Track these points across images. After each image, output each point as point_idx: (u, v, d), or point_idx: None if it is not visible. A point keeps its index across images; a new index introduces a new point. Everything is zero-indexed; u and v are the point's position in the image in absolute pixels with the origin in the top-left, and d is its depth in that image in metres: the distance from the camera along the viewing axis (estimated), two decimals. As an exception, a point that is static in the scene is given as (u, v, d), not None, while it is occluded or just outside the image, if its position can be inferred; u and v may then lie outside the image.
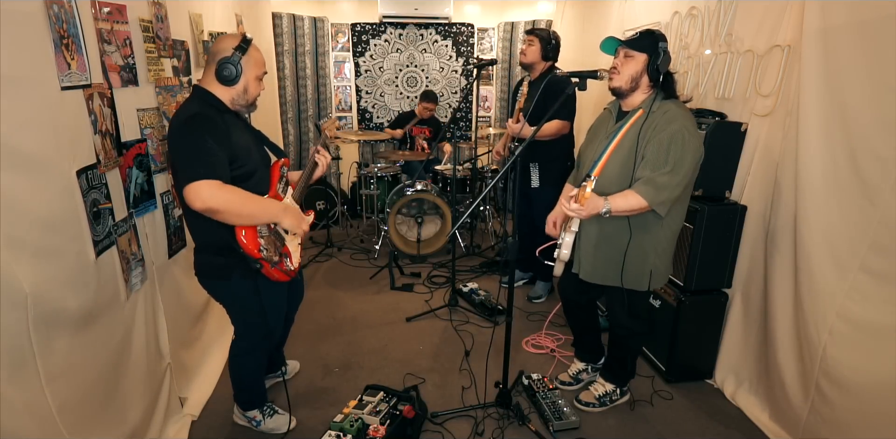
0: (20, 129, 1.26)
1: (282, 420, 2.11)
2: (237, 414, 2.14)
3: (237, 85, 1.69)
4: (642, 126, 1.83)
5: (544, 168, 3.09)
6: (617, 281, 1.98)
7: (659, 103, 1.86)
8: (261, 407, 2.11)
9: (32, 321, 1.28)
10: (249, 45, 1.68)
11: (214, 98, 1.70)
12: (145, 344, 1.90)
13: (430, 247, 4.06)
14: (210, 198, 1.51)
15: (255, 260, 1.65)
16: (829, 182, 1.80)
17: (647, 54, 1.84)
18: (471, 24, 5.14)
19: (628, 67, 1.86)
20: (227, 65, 1.64)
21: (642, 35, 1.86)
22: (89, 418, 1.53)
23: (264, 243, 1.67)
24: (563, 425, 2.11)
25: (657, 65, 1.82)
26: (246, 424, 2.13)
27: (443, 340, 2.86)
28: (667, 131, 1.77)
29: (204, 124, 1.58)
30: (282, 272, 1.77)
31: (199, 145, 1.54)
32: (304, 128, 5.08)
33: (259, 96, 1.79)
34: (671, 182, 1.76)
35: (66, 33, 1.45)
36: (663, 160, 1.77)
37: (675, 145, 1.76)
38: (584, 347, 2.47)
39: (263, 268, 1.69)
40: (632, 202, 1.78)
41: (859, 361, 1.70)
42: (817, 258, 1.84)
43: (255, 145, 1.81)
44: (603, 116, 2.10)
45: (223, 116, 1.67)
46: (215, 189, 1.52)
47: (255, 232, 1.65)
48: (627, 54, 1.86)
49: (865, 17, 1.65)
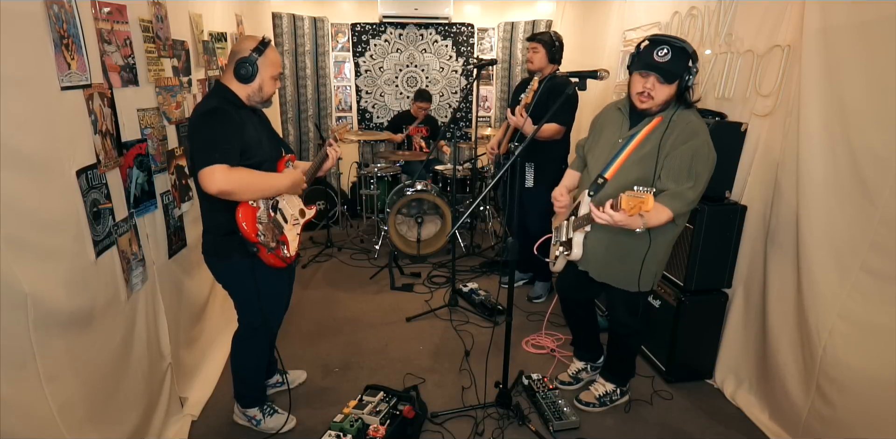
0: (20, 129, 1.26)
1: (281, 419, 2.11)
2: (237, 414, 2.15)
3: (253, 83, 1.81)
4: (664, 134, 1.80)
5: (540, 169, 3.10)
6: (622, 282, 1.99)
7: (679, 112, 1.82)
8: (261, 405, 2.12)
9: (32, 321, 1.28)
10: (266, 47, 1.80)
11: (232, 94, 1.81)
12: (146, 345, 1.90)
13: (430, 247, 4.06)
14: (223, 182, 1.64)
15: (253, 243, 1.77)
16: (830, 182, 1.80)
17: (679, 78, 1.77)
18: (471, 24, 5.14)
19: (662, 93, 1.79)
20: (244, 64, 1.77)
21: (675, 56, 1.73)
22: (89, 418, 1.53)
23: (262, 229, 1.79)
24: (563, 425, 2.11)
25: (687, 85, 1.79)
26: (246, 424, 2.13)
27: (443, 340, 2.86)
28: (689, 145, 1.77)
29: (221, 118, 1.72)
30: (278, 258, 1.86)
31: (214, 135, 1.68)
32: (304, 128, 5.08)
33: (274, 94, 1.91)
34: (695, 196, 1.79)
35: (66, 33, 1.45)
36: (686, 174, 1.77)
37: (698, 160, 1.77)
38: (583, 346, 2.47)
39: (260, 252, 1.80)
40: (663, 218, 1.77)
41: (860, 361, 1.70)
42: (818, 258, 1.84)
43: (267, 139, 1.92)
44: (611, 113, 2.03)
45: (239, 112, 1.80)
46: (227, 172, 1.65)
47: (254, 218, 1.78)
48: (661, 82, 1.77)
49: (865, 18, 1.65)
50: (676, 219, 1.84)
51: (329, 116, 5.23)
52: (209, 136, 1.68)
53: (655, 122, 1.84)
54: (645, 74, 1.80)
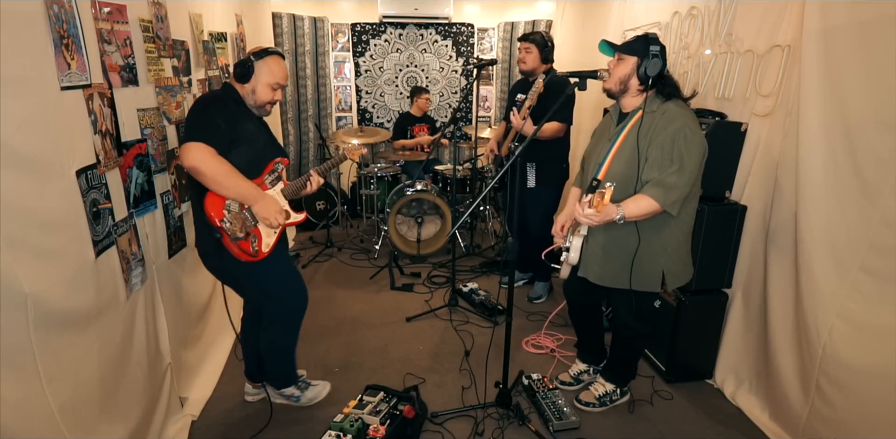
0: (20, 129, 1.26)
1: (317, 389, 2.25)
2: (274, 395, 2.22)
3: (247, 85, 1.89)
4: (640, 127, 1.84)
5: (541, 169, 3.09)
6: (619, 280, 1.98)
7: (658, 104, 1.86)
8: (295, 382, 2.22)
9: (32, 321, 1.28)
10: (267, 54, 1.89)
11: (235, 91, 1.91)
12: (145, 345, 1.90)
13: (430, 247, 4.06)
14: (198, 159, 1.69)
15: (216, 229, 1.78)
16: (830, 182, 1.80)
17: (637, 57, 1.85)
18: (471, 24, 5.14)
19: (618, 70, 1.90)
20: (242, 63, 1.87)
21: (637, 38, 1.88)
22: (89, 418, 1.53)
23: (229, 216, 1.80)
24: (563, 425, 2.11)
25: (645, 68, 1.83)
26: (285, 402, 2.23)
27: (443, 340, 2.86)
28: (668, 131, 1.78)
29: (219, 105, 1.82)
30: (241, 250, 1.84)
31: (208, 118, 1.77)
32: (304, 128, 5.08)
33: (271, 104, 1.95)
34: (679, 181, 1.77)
35: (66, 33, 1.45)
36: (669, 160, 1.78)
37: (678, 144, 1.76)
38: (588, 349, 2.47)
39: (223, 239, 1.81)
40: (643, 206, 1.78)
41: (859, 361, 1.70)
42: (817, 258, 1.84)
43: (264, 140, 1.97)
44: (605, 120, 2.11)
45: (239, 107, 1.89)
46: (207, 153, 1.71)
47: (221, 204, 1.79)
48: (619, 57, 1.90)
49: (865, 18, 1.65)
50: (671, 210, 1.80)
51: (329, 116, 5.23)
52: (204, 118, 1.77)
53: (636, 118, 1.87)
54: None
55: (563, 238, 2.09)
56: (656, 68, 1.82)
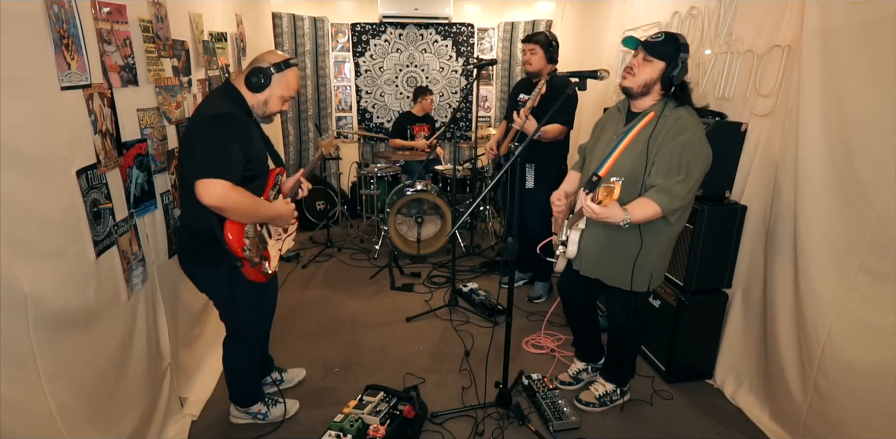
0: (20, 129, 1.26)
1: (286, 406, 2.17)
2: (237, 416, 2.14)
3: (260, 95, 1.78)
4: (653, 130, 1.82)
5: (540, 169, 3.09)
6: (615, 279, 1.99)
7: (671, 109, 1.84)
8: (262, 399, 2.15)
9: (32, 321, 1.28)
10: (287, 67, 1.79)
11: (242, 99, 1.79)
12: (145, 344, 1.90)
13: (430, 247, 4.06)
14: (221, 198, 1.59)
15: (238, 258, 1.74)
16: (829, 182, 1.80)
17: (665, 63, 1.79)
18: (471, 24, 5.14)
19: (644, 72, 1.82)
20: (258, 73, 1.75)
21: (667, 39, 1.79)
22: (89, 418, 1.53)
23: (248, 244, 1.75)
24: (563, 425, 2.11)
25: (672, 75, 1.79)
26: (250, 421, 2.13)
27: (443, 340, 2.86)
28: (679, 140, 1.77)
29: (235, 126, 1.69)
30: (259, 273, 1.83)
31: (225, 145, 1.63)
32: (304, 128, 5.08)
33: (277, 115, 1.89)
34: (683, 190, 1.77)
35: (66, 33, 1.45)
36: (675, 169, 1.77)
37: (686, 153, 1.76)
38: (585, 347, 2.47)
39: (243, 267, 1.77)
40: (648, 212, 1.77)
41: (858, 361, 1.70)
42: (817, 258, 1.84)
43: (266, 150, 1.93)
44: (611, 114, 2.07)
45: (248, 119, 1.79)
46: (228, 190, 1.60)
47: (242, 232, 1.73)
48: (647, 58, 1.81)
49: (865, 18, 1.65)
50: (670, 218, 1.82)
51: (329, 116, 5.23)
52: (220, 145, 1.62)
53: (648, 119, 1.84)
54: (635, 52, 1.86)
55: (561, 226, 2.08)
56: (683, 76, 1.81)
